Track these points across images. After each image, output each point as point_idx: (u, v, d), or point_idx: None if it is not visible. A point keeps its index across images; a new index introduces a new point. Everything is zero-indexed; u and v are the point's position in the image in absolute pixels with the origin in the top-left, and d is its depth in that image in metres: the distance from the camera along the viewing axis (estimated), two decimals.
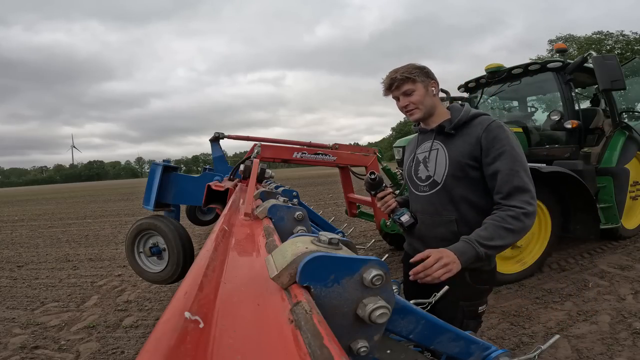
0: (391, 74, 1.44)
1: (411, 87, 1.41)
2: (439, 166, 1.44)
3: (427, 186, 1.48)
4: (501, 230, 1.23)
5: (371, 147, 4.70)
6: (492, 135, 1.33)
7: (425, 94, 1.43)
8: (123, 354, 2.75)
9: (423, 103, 1.44)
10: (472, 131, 1.38)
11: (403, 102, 1.45)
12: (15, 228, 10.25)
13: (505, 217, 1.25)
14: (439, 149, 1.46)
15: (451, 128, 1.42)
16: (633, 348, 2.36)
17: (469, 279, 1.41)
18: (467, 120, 1.41)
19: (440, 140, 1.46)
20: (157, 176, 3.09)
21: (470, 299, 1.44)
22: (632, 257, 4.07)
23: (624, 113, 5.00)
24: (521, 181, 1.28)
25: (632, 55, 22.05)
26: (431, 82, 1.45)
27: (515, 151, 1.32)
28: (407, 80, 1.40)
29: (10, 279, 4.96)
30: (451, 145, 1.42)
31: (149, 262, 3.04)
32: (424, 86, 1.42)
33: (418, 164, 1.54)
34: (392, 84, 1.43)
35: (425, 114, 1.47)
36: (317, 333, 0.34)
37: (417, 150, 1.57)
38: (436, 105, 1.48)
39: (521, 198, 1.27)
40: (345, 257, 0.46)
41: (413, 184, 1.56)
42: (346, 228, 4.15)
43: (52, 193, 36.07)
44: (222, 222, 0.88)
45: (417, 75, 1.40)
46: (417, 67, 1.43)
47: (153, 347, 0.31)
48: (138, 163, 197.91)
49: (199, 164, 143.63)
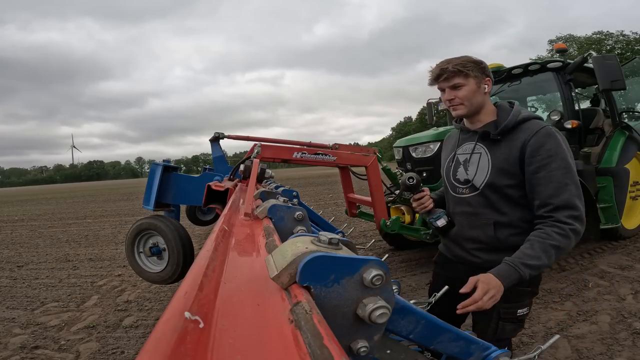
0: (442, 63, 1.33)
1: (461, 82, 1.30)
2: (480, 171, 1.36)
3: (466, 189, 1.42)
4: (548, 247, 1.17)
5: (371, 147, 4.70)
6: (540, 143, 1.24)
7: (475, 90, 1.32)
8: (123, 354, 2.75)
9: (471, 100, 1.33)
10: (519, 136, 1.28)
11: (449, 95, 1.34)
12: (15, 228, 10.25)
13: (551, 234, 1.18)
14: (482, 153, 1.37)
15: (497, 134, 1.32)
16: (633, 348, 2.36)
17: None
18: (515, 124, 1.30)
19: (484, 144, 1.37)
20: (157, 176, 3.09)
21: (509, 301, 1.34)
22: (632, 257, 4.07)
23: (624, 113, 5.00)
24: (571, 195, 1.20)
25: (632, 55, 22.04)
26: (485, 79, 1.34)
27: (565, 162, 1.23)
28: (459, 73, 1.29)
29: (10, 279, 4.97)
30: (496, 151, 1.33)
31: (149, 262, 3.04)
32: (476, 82, 1.32)
33: (458, 165, 1.46)
34: (441, 75, 1.32)
35: (471, 111, 1.36)
36: (317, 333, 0.34)
37: (457, 150, 1.47)
38: (485, 103, 1.37)
39: (570, 214, 1.19)
40: (345, 257, 0.46)
41: (451, 185, 1.49)
42: (346, 228, 4.15)
43: (52, 193, 36.07)
44: (222, 222, 0.88)
45: (472, 69, 1.30)
46: (474, 60, 1.32)
47: (153, 347, 0.31)
48: (138, 163, 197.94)
49: (199, 164, 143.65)
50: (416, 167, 4.01)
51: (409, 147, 4.11)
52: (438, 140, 3.86)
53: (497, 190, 1.33)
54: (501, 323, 1.37)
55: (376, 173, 3.36)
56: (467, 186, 1.41)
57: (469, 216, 1.41)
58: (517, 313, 1.37)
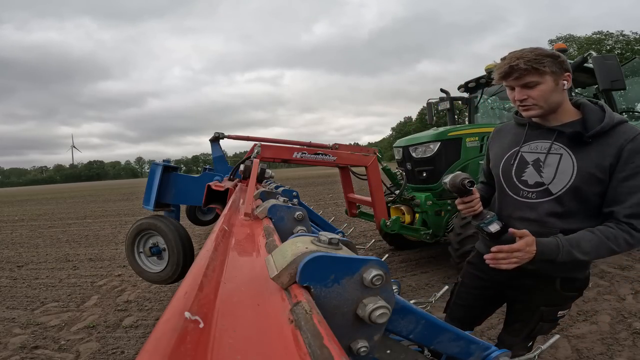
0: (512, 59, 1.15)
1: (537, 80, 1.14)
2: (561, 175, 1.20)
3: (534, 193, 1.26)
4: (605, 248, 1.12)
5: (371, 147, 4.70)
6: (638, 149, 1.12)
7: (553, 89, 1.16)
8: (123, 354, 2.75)
9: (547, 100, 1.17)
10: (613, 141, 1.14)
11: (520, 94, 1.18)
12: (15, 228, 10.26)
13: (617, 237, 1.12)
14: (562, 154, 1.20)
15: (590, 136, 1.16)
16: (633, 348, 2.36)
17: (559, 286, 1.31)
18: (611, 128, 1.15)
19: (567, 145, 1.20)
20: (157, 176, 3.09)
21: (555, 305, 1.33)
22: (632, 257, 4.07)
23: (624, 113, 5.00)
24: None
25: (632, 55, 22.05)
26: (564, 74, 1.17)
27: None
28: (534, 71, 1.13)
29: (10, 279, 4.97)
30: (584, 154, 1.17)
31: (149, 262, 3.04)
32: (554, 79, 1.15)
33: (525, 164, 1.28)
34: (510, 73, 1.16)
35: (547, 112, 1.21)
36: (317, 333, 0.34)
37: (522, 147, 1.30)
38: (563, 101, 1.21)
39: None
40: (345, 257, 0.46)
41: (512, 186, 1.32)
42: (346, 228, 4.15)
43: (52, 193, 36.08)
44: (222, 222, 0.88)
45: (549, 65, 1.13)
46: (550, 54, 1.14)
47: (153, 347, 0.31)
48: (138, 163, 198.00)
49: (199, 164, 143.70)
50: (416, 167, 4.02)
51: (409, 147, 4.11)
52: (438, 140, 3.86)
53: (579, 198, 1.20)
54: (541, 323, 1.36)
55: (376, 173, 3.36)
56: (537, 190, 1.25)
57: (531, 223, 1.26)
58: (557, 314, 1.36)
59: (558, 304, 1.34)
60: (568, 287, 1.32)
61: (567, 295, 1.33)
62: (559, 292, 1.31)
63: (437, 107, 5.41)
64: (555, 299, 1.33)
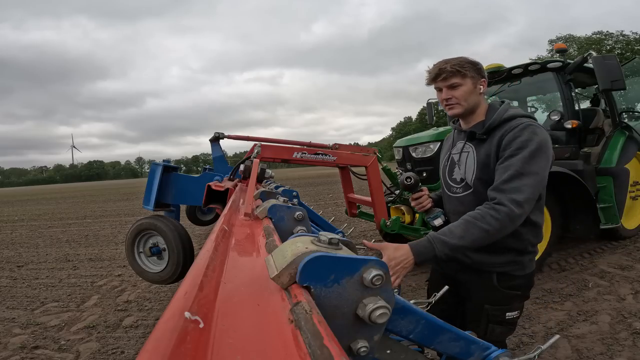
0: (440, 63, 1.35)
1: (459, 81, 1.32)
2: (468, 169, 1.39)
3: (460, 188, 1.43)
4: (475, 229, 1.15)
5: (371, 147, 4.70)
6: (515, 136, 1.24)
7: (471, 91, 1.34)
8: (123, 354, 2.75)
9: (467, 100, 1.35)
10: (500, 133, 1.29)
11: (446, 94, 1.35)
12: (15, 228, 10.26)
13: (485, 216, 1.16)
14: (469, 151, 1.40)
15: (482, 133, 1.35)
16: (633, 348, 2.36)
17: (496, 281, 1.36)
18: (501, 123, 1.32)
19: (472, 143, 1.40)
20: (157, 176, 3.09)
21: (497, 304, 1.37)
22: (632, 257, 4.07)
23: (624, 113, 5.00)
24: (522, 184, 1.18)
25: (632, 55, 22.06)
26: (481, 79, 1.36)
27: (533, 154, 1.20)
28: (457, 73, 1.31)
29: (10, 279, 4.97)
30: (480, 148, 1.36)
31: (149, 262, 3.04)
32: (473, 82, 1.34)
33: (453, 164, 1.48)
34: (439, 75, 1.34)
35: (467, 111, 1.38)
36: (317, 333, 0.34)
37: (452, 150, 1.50)
38: (479, 104, 1.39)
39: (512, 197, 1.16)
40: (345, 257, 0.46)
41: (446, 185, 1.51)
42: (346, 228, 4.15)
43: (52, 193, 36.08)
44: (222, 222, 0.88)
45: (469, 70, 1.32)
46: (470, 61, 1.34)
47: (153, 347, 0.31)
48: (138, 163, 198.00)
49: (199, 164, 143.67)
50: (416, 167, 4.02)
51: (409, 147, 4.11)
52: (438, 140, 3.86)
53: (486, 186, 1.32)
54: (490, 325, 1.38)
55: (376, 173, 3.36)
56: (461, 185, 1.43)
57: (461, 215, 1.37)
58: (505, 316, 1.38)
59: (502, 303, 1.36)
60: (506, 284, 1.35)
61: (507, 293, 1.36)
62: (497, 288, 1.35)
63: (437, 107, 5.41)
64: (497, 297, 1.36)
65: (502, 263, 1.35)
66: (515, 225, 1.18)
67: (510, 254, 1.34)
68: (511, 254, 1.34)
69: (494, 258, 1.34)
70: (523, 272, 1.37)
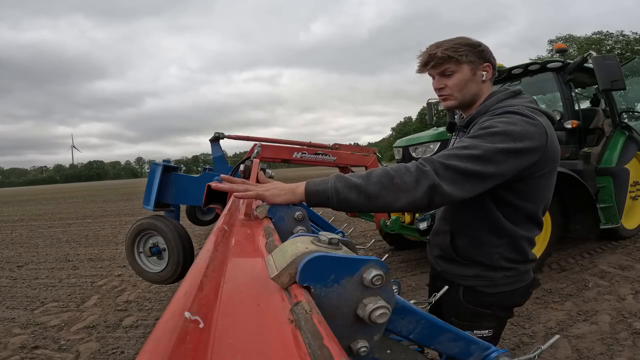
0: (431, 48, 1.13)
1: (452, 68, 1.11)
2: None
3: None
4: (384, 177, 0.89)
5: (371, 147, 4.71)
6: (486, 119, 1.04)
7: (469, 78, 1.12)
8: (123, 354, 2.75)
9: (462, 90, 1.13)
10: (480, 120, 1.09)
11: (437, 83, 1.15)
12: (15, 228, 10.25)
13: (400, 168, 0.91)
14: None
15: (463, 125, 1.18)
16: (633, 348, 2.36)
17: (461, 295, 1.18)
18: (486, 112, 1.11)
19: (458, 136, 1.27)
20: (157, 176, 3.09)
21: (463, 319, 1.17)
22: (632, 257, 4.07)
23: (624, 113, 5.01)
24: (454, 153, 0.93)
25: (632, 55, 22.06)
26: (483, 64, 1.12)
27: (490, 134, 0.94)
28: (449, 59, 1.10)
29: (10, 279, 4.96)
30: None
31: (149, 262, 3.04)
32: (471, 69, 1.11)
33: None
34: (428, 62, 1.14)
35: (463, 103, 1.16)
36: (317, 333, 0.34)
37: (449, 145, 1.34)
38: (480, 93, 1.15)
39: (432, 158, 0.93)
40: (345, 257, 0.46)
41: None
42: (346, 228, 4.15)
43: (52, 193, 36.07)
44: (222, 222, 0.87)
45: (465, 54, 1.09)
46: (469, 43, 1.11)
47: (153, 347, 0.31)
48: (138, 163, 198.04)
49: (199, 164, 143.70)
50: None
51: (409, 147, 4.12)
52: (438, 140, 3.86)
53: None
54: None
55: None
56: None
57: (438, 221, 1.29)
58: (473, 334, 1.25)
59: (468, 320, 1.16)
60: (472, 300, 1.16)
61: (474, 310, 1.16)
62: (462, 303, 1.18)
63: (437, 107, 5.41)
64: (463, 313, 1.18)
65: (468, 276, 1.17)
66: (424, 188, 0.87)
67: (476, 268, 1.15)
68: (477, 268, 1.15)
69: (460, 269, 1.19)
70: (494, 290, 1.14)
